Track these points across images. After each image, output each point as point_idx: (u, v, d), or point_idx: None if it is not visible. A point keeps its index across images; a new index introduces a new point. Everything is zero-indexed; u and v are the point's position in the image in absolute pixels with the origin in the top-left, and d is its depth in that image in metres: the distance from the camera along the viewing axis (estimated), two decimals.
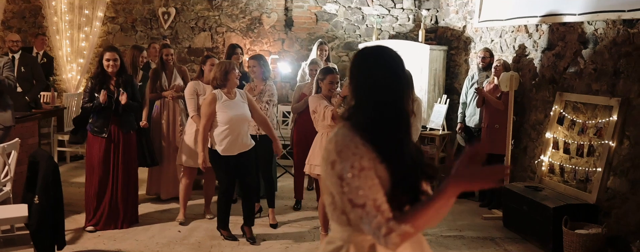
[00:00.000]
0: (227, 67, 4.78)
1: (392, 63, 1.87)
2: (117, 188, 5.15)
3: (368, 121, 1.80)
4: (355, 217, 1.75)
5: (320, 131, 4.68)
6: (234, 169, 4.83)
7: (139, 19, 8.44)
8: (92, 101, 4.97)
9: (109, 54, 4.98)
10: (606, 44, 4.94)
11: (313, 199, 6.22)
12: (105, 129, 5.02)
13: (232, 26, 8.39)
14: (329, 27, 8.35)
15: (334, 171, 1.75)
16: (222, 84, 4.77)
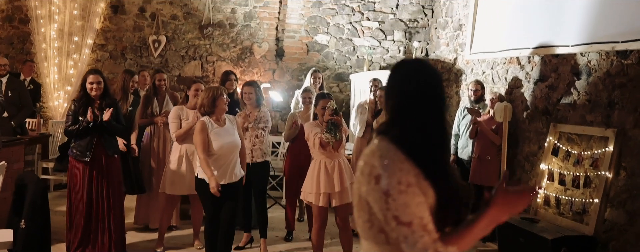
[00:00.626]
0: (215, 92, 4.60)
1: (434, 76, 1.82)
2: (102, 215, 4.95)
3: (410, 135, 1.73)
4: (397, 236, 1.65)
5: (316, 158, 4.60)
6: (221, 198, 4.60)
7: (129, 47, 8.38)
8: (76, 124, 4.81)
9: (92, 77, 4.85)
10: (600, 75, 4.98)
11: (304, 231, 6.10)
12: (87, 153, 4.82)
13: (223, 55, 8.37)
14: (320, 58, 8.37)
15: (379, 186, 1.66)
16: (210, 111, 4.58)
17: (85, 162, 4.83)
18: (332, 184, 4.42)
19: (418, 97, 1.76)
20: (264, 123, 5.29)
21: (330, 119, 4.41)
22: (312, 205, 4.55)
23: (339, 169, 4.43)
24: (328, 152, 4.47)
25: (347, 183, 4.42)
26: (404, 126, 1.75)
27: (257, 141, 5.24)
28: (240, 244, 5.45)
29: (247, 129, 5.24)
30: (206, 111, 4.58)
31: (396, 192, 1.63)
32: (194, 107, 5.25)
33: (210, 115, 4.58)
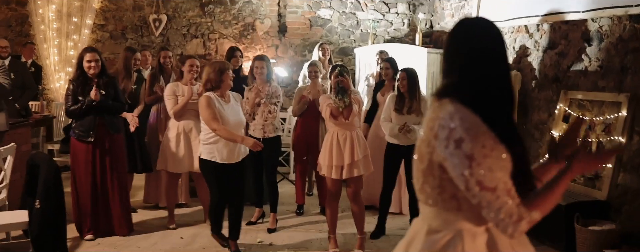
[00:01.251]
0: (222, 66, 4.40)
1: (500, 33, 1.73)
2: (108, 195, 4.91)
3: (483, 97, 1.64)
4: (480, 202, 1.58)
5: (329, 130, 4.56)
6: (228, 179, 4.49)
7: (129, 27, 8.28)
8: (77, 103, 4.71)
9: (90, 55, 4.74)
10: (612, 41, 4.92)
11: (314, 204, 6.09)
12: (90, 133, 4.74)
13: (225, 33, 8.28)
14: (324, 33, 8.28)
15: (461, 150, 1.57)
16: (216, 86, 4.37)
17: (89, 142, 4.77)
18: (342, 157, 4.38)
19: (487, 55, 1.68)
20: (276, 98, 5.23)
21: (337, 82, 4.37)
22: (327, 177, 4.53)
23: (350, 142, 4.39)
24: (341, 123, 4.43)
25: (359, 156, 4.38)
26: (474, 87, 1.66)
27: (270, 116, 5.17)
28: (253, 219, 5.45)
29: (259, 104, 5.16)
30: (212, 86, 4.38)
31: (480, 156, 1.55)
32: (190, 82, 5.18)
33: (215, 91, 4.39)
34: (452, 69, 1.73)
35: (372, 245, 4.89)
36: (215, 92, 4.37)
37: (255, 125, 5.24)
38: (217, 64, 4.47)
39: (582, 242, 4.51)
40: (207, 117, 4.26)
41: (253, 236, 5.06)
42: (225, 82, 4.39)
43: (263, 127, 5.20)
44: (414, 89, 4.82)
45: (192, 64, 5.23)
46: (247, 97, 5.21)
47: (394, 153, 4.95)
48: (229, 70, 4.42)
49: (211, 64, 4.51)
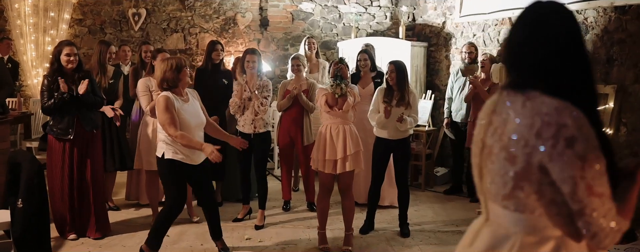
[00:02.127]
0: (179, 63, 4.02)
1: (575, 18, 1.57)
2: (85, 194, 4.73)
3: (576, 91, 1.46)
4: (582, 208, 1.40)
5: (323, 123, 4.50)
6: (189, 181, 4.24)
7: (108, 21, 8.11)
8: (53, 99, 4.53)
9: (68, 49, 4.58)
10: (598, 33, 4.94)
11: (301, 200, 6.04)
12: (70, 130, 4.58)
13: (206, 27, 8.16)
14: (306, 26, 8.20)
15: (573, 149, 1.38)
16: (173, 85, 4.00)
17: (67, 140, 4.61)
18: (334, 151, 4.33)
19: (572, 43, 1.51)
20: (266, 92, 5.14)
21: (336, 68, 4.32)
22: (319, 171, 4.47)
23: (343, 136, 4.34)
24: (335, 114, 4.36)
25: (351, 150, 4.33)
26: (568, 79, 1.49)
27: (261, 110, 5.07)
28: (239, 216, 5.37)
29: (250, 98, 5.07)
30: (169, 85, 4.00)
31: (593, 158, 1.37)
32: None
33: (172, 90, 4.02)
34: (530, 58, 1.53)
35: (362, 241, 4.85)
36: (172, 92, 4.02)
37: (244, 120, 5.15)
38: (172, 60, 4.04)
39: None
40: (165, 121, 3.89)
41: (240, 233, 4.98)
42: (183, 81, 4.04)
43: (253, 122, 5.12)
44: (403, 81, 4.78)
45: (163, 57, 5.10)
46: (236, 90, 5.12)
47: (382, 147, 4.91)
48: (186, 67, 4.08)
49: (165, 60, 4.08)
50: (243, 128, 5.15)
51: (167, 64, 4.01)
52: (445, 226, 5.30)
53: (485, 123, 1.64)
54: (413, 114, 4.79)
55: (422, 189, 6.67)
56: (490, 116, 1.63)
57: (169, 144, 4.01)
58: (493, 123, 1.59)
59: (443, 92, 7.34)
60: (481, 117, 1.68)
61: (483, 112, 1.68)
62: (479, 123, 1.69)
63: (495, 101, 1.65)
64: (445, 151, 7.48)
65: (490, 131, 1.61)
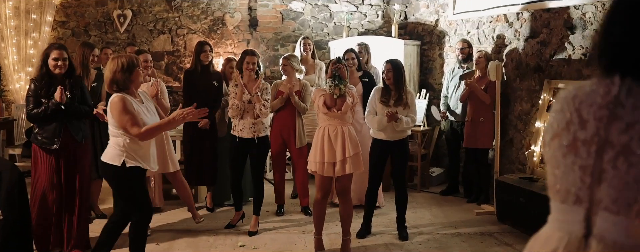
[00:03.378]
0: (130, 62, 3.61)
1: None
2: (70, 207, 4.38)
3: None
4: None
5: (320, 125, 4.34)
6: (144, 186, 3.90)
7: (92, 23, 7.89)
8: (40, 106, 4.17)
9: (57, 53, 4.22)
10: (596, 28, 4.82)
11: (295, 204, 5.88)
12: (56, 140, 4.25)
13: (194, 28, 7.97)
14: (296, 26, 8.04)
15: None
16: (124, 87, 3.60)
17: (53, 150, 4.26)
18: (333, 153, 4.17)
19: None
20: (266, 94, 4.97)
21: (333, 68, 4.17)
22: (316, 174, 4.31)
23: (342, 138, 4.19)
24: (333, 115, 4.21)
25: (350, 153, 4.18)
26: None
27: (263, 113, 4.87)
28: (232, 222, 5.19)
29: (250, 101, 4.87)
30: (119, 87, 3.59)
31: None
32: (144, 80, 4.89)
33: (124, 91, 3.62)
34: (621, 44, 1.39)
35: (359, 245, 4.69)
36: (124, 93, 3.63)
37: (243, 125, 4.92)
38: (122, 59, 3.63)
39: None
40: (126, 123, 3.51)
41: (234, 240, 4.81)
42: (135, 82, 3.66)
43: (254, 125, 4.91)
44: (400, 81, 4.63)
45: (146, 59, 4.97)
46: (234, 93, 4.91)
47: (380, 149, 4.76)
48: (139, 67, 3.69)
49: (115, 59, 3.65)
50: (241, 133, 4.92)
51: (117, 64, 3.58)
52: (444, 228, 5.16)
53: (607, 117, 1.43)
54: (411, 115, 4.65)
55: (418, 190, 6.53)
56: (612, 110, 1.43)
57: (125, 150, 3.59)
58: (622, 117, 1.37)
59: (437, 91, 7.22)
60: (587, 112, 1.42)
61: (588, 108, 1.42)
62: (587, 120, 1.42)
63: (610, 93, 1.45)
64: (440, 151, 7.35)
65: (617, 127, 1.41)
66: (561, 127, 1.44)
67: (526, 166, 5.56)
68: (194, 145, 5.60)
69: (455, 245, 4.69)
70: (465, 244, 4.72)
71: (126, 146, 3.60)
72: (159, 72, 7.66)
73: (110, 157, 3.63)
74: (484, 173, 5.94)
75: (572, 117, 1.43)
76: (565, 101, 1.49)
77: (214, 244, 4.73)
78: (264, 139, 5.00)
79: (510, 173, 5.81)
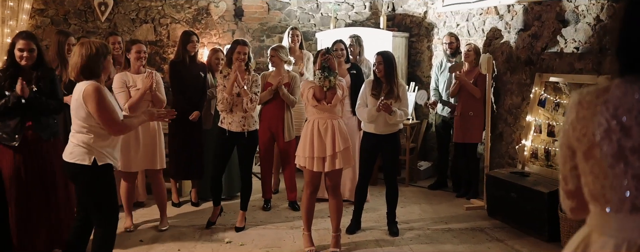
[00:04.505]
0: (100, 50, 3.30)
1: None
2: (38, 210, 4.03)
3: None
4: None
5: (309, 118, 4.22)
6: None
7: (72, 11, 7.64)
8: (2, 99, 3.84)
9: (22, 43, 3.90)
10: (589, 21, 4.76)
11: (282, 198, 5.77)
12: (16, 137, 3.89)
13: (177, 17, 7.76)
14: (282, 17, 7.88)
15: None
16: (95, 75, 3.30)
17: (13, 147, 3.92)
18: (323, 148, 4.05)
19: None
20: (256, 87, 4.79)
21: (322, 60, 4.03)
22: (305, 169, 4.19)
23: (332, 132, 4.07)
24: (322, 108, 4.08)
25: (340, 147, 4.06)
26: None
27: (250, 107, 4.69)
28: (212, 219, 4.95)
29: (239, 94, 4.67)
30: (87, 76, 3.28)
31: None
32: (138, 71, 4.73)
33: (95, 80, 3.31)
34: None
35: (349, 241, 4.59)
36: (96, 82, 3.33)
37: (232, 118, 4.73)
38: (95, 44, 3.32)
39: (566, 231, 4.35)
40: (107, 115, 3.25)
41: (220, 236, 4.69)
42: (107, 70, 3.42)
43: (244, 119, 4.74)
44: (391, 73, 4.52)
45: (139, 49, 4.72)
46: (223, 85, 4.71)
47: (370, 143, 4.65)
48: (110, 54, 3.42)
49: (86, 43, 3.32)
50: (230, 126, 4.75)
51: (89, 48, 3.27)
52: (434, 223, 5.08)
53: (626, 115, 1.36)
54: (403, 108, 4.54)
55: (406, 184, 6.46)
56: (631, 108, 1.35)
57: (94, 147, 3.29)
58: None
59: (425, 83, 7.13)
60: (628, 119, 1.37)
61: (628, 114, 1.36)
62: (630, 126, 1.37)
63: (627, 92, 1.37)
64: (428, 144, 7.28)
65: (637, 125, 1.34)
66: (600, 137, 1.36)
67: (516, 160, 5.51)
68: (181, 138, 5.44)
69: (447, 241, 4.62)
70: (457, 239, 4.65)
71: (94, 142, 3.29)
72: None
73: (77, 156, 3.28)
74: (473, 167, 5.88)
75: (611, 125, 1.34)
76: (593, 107, 1.40)
77: (200, 240, 4.60)
78: (254, 133, 4.86)
79: (500, 167, 5.76)
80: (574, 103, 1.46)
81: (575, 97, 1.47)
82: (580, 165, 1.42)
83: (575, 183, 1.45)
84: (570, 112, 1.46)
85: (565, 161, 1.46)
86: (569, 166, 1.45)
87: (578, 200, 1.46)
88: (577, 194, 1.46)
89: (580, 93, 1.47)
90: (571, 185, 1.46)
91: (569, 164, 1.45)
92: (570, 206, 1.50)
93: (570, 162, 1.45)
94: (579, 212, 1.48)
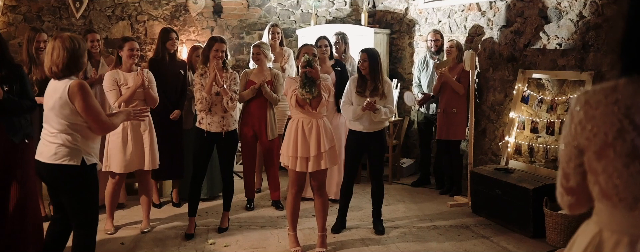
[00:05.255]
0: (83, 45, 3.24)
1: None
2: (17, 215, 3.77)
3: None
4: None
5: (293, 117, 4.14)
6: None
7: (45, 8, 7.44)
8: None
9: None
10: (572, 18, 4.78)
11: (265, 198, 5.69)
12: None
13: (155, 14, 7.62)
14: (262, 13, 7.79)
15: None
16: (75, 71, 3.21)
17: None
18: (307, 148, 3.98)
19: None
20: (235, 85, 4.66)
21: (304, 72, 3.93)
22: (289, 169, 4.12)
23: (317, 132, 3.99)
24: (307, 111, 4.02)
25: (326, 147, 4.00)
26: None
27: (230, 106, 4.55)
28: (189, 231, 4.68)
29: (218, 93, 4.53)
30: (71, 72, 3.18)
31: None
32: (130, 69, 4.61)
33: (71, 77, 3.20)
34: None
35: (335, 240, 4.54)
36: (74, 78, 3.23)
37: (212, 118, 4.58)
38: (75, 40, 3.21)
39: (552, 228, 4.36)
40: (96, 113, 3.18)
41: (204, 237, 4.60)
42: (85, 66, 3.40)
43: (223, 119, 4.60)
44: (376, 70, 4.47)
45: (132, 47, 4.57)
46: (200, 84, 4.58)
47: (356, 141, 4.60)
48: (86, 50, 3.32)
49: (65, 39, 3.18)
50: (210, 127, 4.60)
51: (74, 43, 3.17)
52: (419, 221, 5.06)
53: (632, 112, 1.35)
54: (389, 105, 4.49)
55: (389, 182, 6.43)
56: None
57: (81, 146, 3.20)
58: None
59: (407, 80, 7.12)
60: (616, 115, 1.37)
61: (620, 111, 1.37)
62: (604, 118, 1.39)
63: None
64: (410, 141, 7.27)
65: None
66: (613, 137, 1.36)
67: (500, 156, 5.51)
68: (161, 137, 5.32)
69: (433, 238, 4.60)
70: (443, 237, 4.63)
71: (80, 141, 3.19)
72: None
73: (62, 157, 3.15)
74: (457, 164, 5.87)
75: (624, 124, 1.34)
76: (603, 107, 1.39)
77: (183, 242, 4.50)
78: (233, 133, 4.73)
79: (483, 164, 5.76)
80: (581, 103, 1.45)
81: (582, 97, 1.46)
82: (590, 164, 1.43)
83: (577, 181, 1.47)
84: (578, 111, 1.45)
85: (570, 159, 1.47)
86: (574, 164, 1.46)
87: (578, 197, 1.49)
88: (578, 191, 1.48)
89: (586, 93, 1.47)
90: (573, 182, 1.48)
91: (573, 162, 1.46)
92: (569, 202, 1.52)
93: (575, 161, 1.46)
94: (577, 208, 1.53)
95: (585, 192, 1.47)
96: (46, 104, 3.24)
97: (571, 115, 1.46)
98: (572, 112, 1.46)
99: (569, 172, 1.48)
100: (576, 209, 1.54)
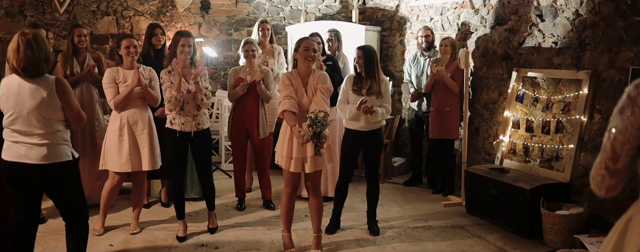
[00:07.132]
0: (45, 40, 3.20)
1: None
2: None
3: None
4: None
5: None
6: None
7: (28, 2, 7.24)
8: None
9: None
10: (568, 16, 4.74)
11: (256, 198, 5.59)
12: None
13: (141, 9, 7.45)
14: (250, 10, 7.67)
15: None
16: (48, 67, 3.17)
17: None
18: (304, 149, 3.87)
19: None
20: (205, 82, 4.43)
21: (312, 122, 3.63)
22: (284, 169, 4.02)
23: None
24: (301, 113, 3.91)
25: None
26: None
27: (204, 104, 4.36)
28: (180, 234, 4.54)
29: (189, 91, 4.33)
30: (47, 69, 3.16)
31: None
32: (131, 67, 4.47)
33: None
34: None
35: (329, 241, 4.45)
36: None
37: (185, 118, 4.35)
38: (40, 36, 3.15)
39: (549, 228, 4.32)
40: (78, 107, 3.26)
41: (194, 239, 4.48)
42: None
43: (195, 118, 4.38)
44: (372, 68, 4.38)
45: (129, 44, 4.42)
46: (169, 82, 4.34)
47: (352, 141, 4.51)
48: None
49: (37, 36, 3.11)
50: (184, 126, 4.36)
51: (43, 40, 3.12)
52: (413, 221, 4.99)
53: None
54: (385, 104, 4.41)
55: (381, 181, 6.35)
56: None
57: (69, 141, 3.27)
58: None
59: (398, 79, 7.05)
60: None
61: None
62: None
63: None
64: (400, 140, 7.20)
65: None
66: None
67: (493, 156, 5.47)
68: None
69: (428, 239, 4.53)
70: (438, 237, 4.57)
71: (66, 136, 3.26)
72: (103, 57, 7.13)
73: (59, 154, 3.17)
74: (450, 164, 5.81)
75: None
76: None
77: (173, 243, 4.38)
78: (206, 132, 4.51)
79: (477, 163, 5.72)
80: None
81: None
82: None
83: (625, 163, 1.56)
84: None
85: (628, 141, 1.54)
86: (629, 146, 1.54)
87: (621, 179, 1.58)
88: (624, 173, 1.58)
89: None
90: (621, 164, 1.56)
91: (630, 144, 1.54)
92: (610, 184, 1.59)
93: (633, 143, 1.54)
94: (615, 190, 1.60)
95: (626, 175, 1.57)
96: (22, 107, 3.10)
97: (634, 101, 1.52)
98: (635, 98, 1.52)
99: (620, 154, 1.55)
100: (614, 192, 1.60)
